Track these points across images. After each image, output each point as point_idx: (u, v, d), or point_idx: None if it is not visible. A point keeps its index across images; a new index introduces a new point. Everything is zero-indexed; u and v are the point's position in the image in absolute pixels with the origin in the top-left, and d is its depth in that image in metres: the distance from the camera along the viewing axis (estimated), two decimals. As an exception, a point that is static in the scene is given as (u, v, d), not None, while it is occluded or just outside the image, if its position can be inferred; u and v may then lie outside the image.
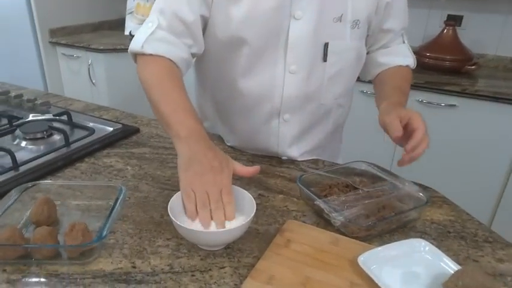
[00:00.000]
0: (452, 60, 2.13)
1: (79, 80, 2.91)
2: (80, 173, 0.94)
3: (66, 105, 1.38)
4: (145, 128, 1.20)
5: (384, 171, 0.93)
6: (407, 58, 1.07)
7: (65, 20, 2.96)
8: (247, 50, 0.91)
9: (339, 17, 0.90)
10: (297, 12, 0.88)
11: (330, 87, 0.99)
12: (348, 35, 0.93)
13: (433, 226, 0.80)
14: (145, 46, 0.86)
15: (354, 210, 0.77)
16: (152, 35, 0.87)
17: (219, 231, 0.66)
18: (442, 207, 0.87)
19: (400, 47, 1.07)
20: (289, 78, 0.94)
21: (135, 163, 0.99)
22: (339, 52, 0.94)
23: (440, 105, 1.99)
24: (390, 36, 1.04)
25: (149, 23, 0.89)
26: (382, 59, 1.07)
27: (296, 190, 0.90)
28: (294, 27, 0.89)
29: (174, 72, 0.87)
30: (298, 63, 0.93)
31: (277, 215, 0.82)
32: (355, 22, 0.92)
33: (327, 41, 0.92)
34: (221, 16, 0.90)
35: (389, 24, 1.01)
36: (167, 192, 0.87)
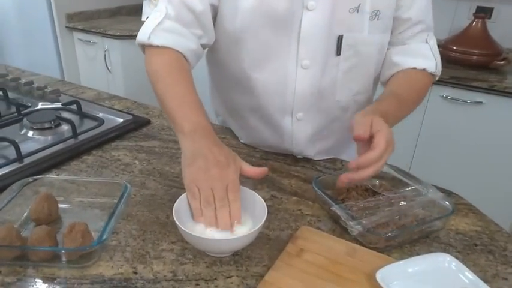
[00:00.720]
0: (480, 55, 2.03)
1: (95, 66, 2.89)
2: (85, 167, 0.90)
3: (77, 94, 1.34)
4: (156, 120, 1.16)
5: (406, 174, 0.86)
6: (427, 61, 0.92)
7: (82, 4, 2.93)
8: (256, 42, 0.86)
9: (355, 7, 0.82)
10: (310, 3, 0.81)
11: (345, 83, 0.92)
12: (366, 27, 0.85)
13: (458, 237, 0.74)
14: (153, 37, 0.83)
15: (373, 219, 0.71)
16: (160, 25, 0.83)
17: (227, 239, 0.62)
18: (468, 215, 0.81)
19: (420, 46, 0.92)
20: (302, 73, 0.88)
21: (144, 157, 0.95)
22: (354, 45, 0.87)
23: (466, 102, 1.91)
24: (406, 27, 0.90)
25: (157, 12, 0.85)
26: (396, 58, 0.93)
27: (311, 192, 0.84)
28: (307, 18, 0.82)
29: (181, 64, 0.83)
30: (311, 58, 0.86)
31: (290, 219, 0.77)
32: (375, 13, 0.84)
33: (341, 33, 0.85)
34: (229, 6, 0.85)
35: (406, 13, 0.89)
36: (175, 190, 0.83)
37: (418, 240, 0.73)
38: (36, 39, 2.95)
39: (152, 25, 0.83)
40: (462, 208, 0.83)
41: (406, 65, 0.91)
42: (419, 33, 0.92)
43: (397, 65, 0.92)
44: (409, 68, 0.92)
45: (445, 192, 0.87)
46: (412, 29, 0.91)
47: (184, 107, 0.75)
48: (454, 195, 0.87)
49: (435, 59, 0.92)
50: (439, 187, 0.85)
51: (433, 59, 0.92)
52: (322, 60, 0.87)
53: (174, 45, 0.83)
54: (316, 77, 0.89)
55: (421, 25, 0.91)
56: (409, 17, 0.89)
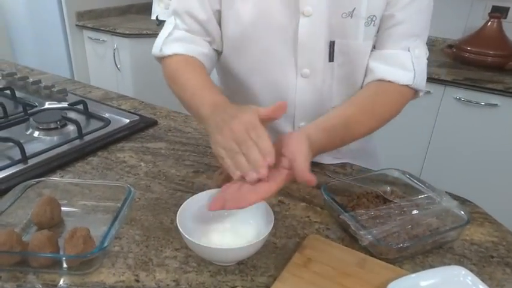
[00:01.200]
0: (495, 56, 1.98)
1: (104, 65, 2.89)
2: (90, 168, 0.89)
3: (84, 93, 1.33)
4: (163, 121, 1.14)
5: (418, 181, 0.83)
6: (403, 72, 0.80)
7: (92, 2, 2.93)
8: (256, 51, 0.84)
9: (349, 11, 0.77)
10: (306, 8, 0.77)
11: (341, 89, 0.87)
12: (361, 34, 0.79)
13: (473, 248, 0.71)
14: (164, 48, 0.84)
15: (384, 228, 0.69)
16: (170, 36, 0.85)
17: (232, 248, 0.59)
18: (484, 225, 0.78)
19: (399, 54, 0.81)
20: (302, 82, 0.85)
21: (150, 159, 0.94)
22: (347, 52, 0.82)
23: (480, 104, 1.86)
24: (388, 26, 0.80)
25: (167, 24, 0.87)
26: (372, 64, 0.83)
27: (320, 198, 0.82)
28: (304, 25, 0.79)
29: (191, 62, 0.83)
30: (310, 66, 0.83)
31: (298, 226, 0.74)
32: (371, 18, 0.78)
33: (333, 39, 0.80)
34: (229, 12, 0.83)
35: (390, 10, 0.78)
36: (180, 194, 0.81)
37: (431, 251, 0.70)
38: (47, 37, 2.96)
39: (163, 37, 0.85)
40: (477, 217, 0.80)
41: (379, 74, 0.81)
42: (402, 38, 0.81)
43: (371, 71, 0.83)
44: (380, 79, 0.81)
45: (459, 200, 0.83)
46: (393, 29, 0.80)
47: (198, 94, 0.74)
48: (468, 203, 0.84)
49: (414, 71, 0.80)
50: (452, 194, 0.82)
51: (411, 70, 0.80)
52: (321, 67, 0.84)
53: (185, 51, 0.83)
54: (317, 85, 0.86)
55: (405, 27, 0.80)
56: (393, 14, 0.79)
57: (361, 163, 1.00)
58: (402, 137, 1.99)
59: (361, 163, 1.00)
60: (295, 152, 0.61)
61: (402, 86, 0.81)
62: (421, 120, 1.99)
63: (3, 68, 1.57)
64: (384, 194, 0.81)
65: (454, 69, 1.99)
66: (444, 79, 1.89)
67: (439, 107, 1.95)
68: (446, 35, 2.30)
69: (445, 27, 2.26)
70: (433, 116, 1.98)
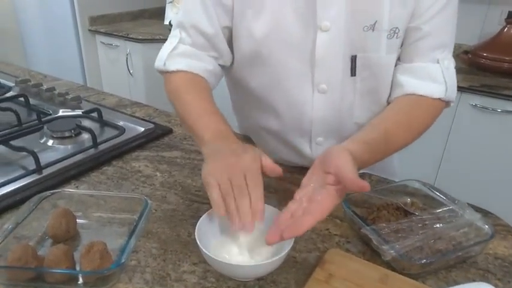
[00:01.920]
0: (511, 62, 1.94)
1: (117, 70, 2.90)
2: (105, 178, 0.88)
3: (98, 100, 1.33)
4: (178, 129, 1.13)
5: (439, 192, 0.81)
6: (435, 85, 0.79)
7: (105, 7, 2.95)
8: (271, 66, 0.82)
9: (371, 25, 0.75)
10: (323, 23, 0.75)
11: (363, 104, 0.85)
12: (384, 47, 0.77)
13: (497, 263, 0.69)
14: (168, 63, 0.83)
15: (407, 242, 0.67)
16: (174, 50, 0.84)
17: (252, 265, 0.58)
18: (507, 238, 0.75)
19: (429, 67, 0.79)
20: (319, 98, 0.83)
21: (165, 169, 0.93)
22: (370, 66, 0.79)
23: (496, 111, 1.83)
24: (415, 39, 0.78)
25: (172, 37, 0.86)
26: (400, 77, 0.81)
27: (339, 210, 0.79)
28: (321, 40, 0.76)
29: (195, 82, 0.82)
30: (327, 82, 0.81)
31: (318, 239, 0.72)
32: (393, 31, 0.76)
33: (354, 53, 0.78)
34: (242, 29, 0.81)
35: (416, 21, 0.76)
36: (196, 205, 0.80)
37: (455, 266, 0.68)
38: (60, 42, 2.98)
39: (167, 51, 0.84)
40: (500, 230, 0.77)
41: (409, 88, 0.80)
42: (430, 50, 0.79)
43: (400, 85, 0.81)
44: (411, 94, 0.80)
45: (481, 212, 0.81)
46: (422, 42, 0.78)
47: (201, 119, 0.74)
48: (490, 215, 0.81)
49: (445, 83, 0.79)
50: (474, 206, 0.79)
51: (442, 83, 0.79)
52: (339, 83, 0.81)
53: (188, 68, 0.82)
54: (335, 101, 0.83)
55: (432, 40, 0.78)
56: (419, 27, 0.77)
57: (378, 171, 0.98)
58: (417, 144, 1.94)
59: (378, 171, 0.98)
60: (340, 164, 0.59)
61: (435, 100, 0.80)
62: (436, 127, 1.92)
63: (17, 74, 1.58)
64: (404, 205, 0.79)
65: (470, 76, 1.95)
66: (460, 85, 1.85)
67: (454, 114, 1.92)
68: (461, 41, 2.26)
69: (461, 33, 2.21)
70: (448, 123, 1.95)
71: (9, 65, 1.74)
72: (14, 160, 0.90)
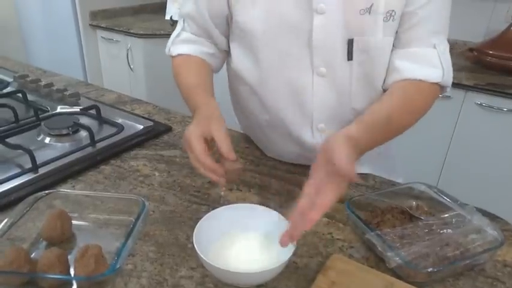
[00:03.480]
0: (518, 60, 1.91)
1: (117, 65, 2.88)
2: (103, 178, 0.86)
3: (97, 96, 1.31)
4: (178, 126, 1.11)
5: (446, 195, 0.79)
6: (432, 69, 0.79)
7: (106, 2, 2.92)
8: (269, 51, 0.81)
9: (367, 8, 0.74)
10: (319, 6, 0.75)
11: (360, 90, 0.84)
12: (380, 30, 0.76)
13: (506, 270, 0.67)
14: (172, 49, 0.92)
15: (413, 249, 0.64)
16: (177, 37, 0.92)
17: (252, 273, 0.56)
18: (516, 244, 0.73)
19: (426, 51, 0.79)
20: (319, 81, 0.82)
21: (164, 168, 0.90)
22: (367, 50, 0.79)
23: (502, 110, 1.80)
24: (411, 24, 0.78)
25: (178, 25, 0.93)
26: (397, 62, 0.81)
27: (342, 213, 0.78)
28: (318, 22, 0.76)
29: (191, 61, 0.89)
30: (326, 65, 0.80)
31: (320, 244, 0.70)
32: (389, 13, 0.75)
33: (351, 36, 0.77)
34: (241, 15, 0.81)
35: (412, 6, 0.76)
36: (195, 206, 0.78)
37: (462, 274, 0.65)
38: (60, 36, 2.96)
39: (172, 38, 0.93)
40: (509, 236, 0.75)
41: (407, 73, 0.79)
42: (426, 35, 0.79)
43: (398, 70, 0.81)
44: (409, 79, 0.79)
45: (489, 217, 0.79)
46: (417, 28, 0.78)
47: (192, 93, 0.82)
48: (499, 219, 0.79)
49: (442, 68, 0.79)
50: (481, 210, 0.77)
51: (439, 67, 0.79)
52: (337, 66, 0.81)
53: (189, 51, 0.90)
54: (335, 84, 0.83)
55: (429, 25, 0.78)
56: (415, 12, 0.76)
57: (380, 171, 0.96)
58: (420, 143, 1.93)
59: (380, 171, 0.96)
60: (334, 151, 0.59)
61: (432, 84, 0.79)
62: (441, 126, 1.93)
63: (15, 69, 1.55)
64: (410, 209, 0.77)
65: (475, 74, 1.92)
66: (465, 84, 1.83)
67: (459, 113, 1.89)
68: (466, 38, 2.23)
69: (466, 30, 2.19)
70: (453, 122, 1.92)
71: (8, 60, 1.72)
72: (9, 158, 0.88)
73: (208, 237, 0.62)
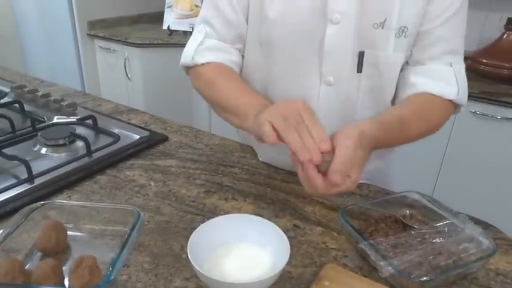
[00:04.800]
0: (511, 69, 1.93)
1: (115, 74, 2.89)
2: (98, 188, 0.86)
3: (94, 106, 1.31)
4: (174, 136, 1.12)
5: (439, 205, 0.79)
6: (447, 86, 0.80)
7: (104, 12, 2.94)
8: (280, 55, 0.83)
9: (381, 22, 0.76)
10: (334, 16, 0.76)
11: (366, 103, 0.85)
12: (391, 45, 0.78)
13: (498, 279, 0.67)
14: (196, 57, 0.85)
15: (406, 258, 0.65)
16: (201, 45, 0.86)
17: (246, 283, 0.56)
18: (508, 253, 0.74)
19: (443, 69, 0.81)
20: (326, 90, 0.83)
21: (160, 178, 0.91)
22: (376, 64, 0.80)
23: (496, 118, 1.81)
24: (427, 43, 0.80)
25: (197, 33, 0.89)
26: (413, 78, 0.82)
27: (336, 222, 0.78)
28: (331, 32, 0.78)
29: (227, 69, 0.85)
30: (335, 74, 0.82)
31: (314, 254, 0.71)
32: (402, 29, 0.77)
33: (362, 49, 0.79)
34: (255, 16, 0.83)
35: (428, 25, 0.78)
36: (190, 216, 0.78)
37: (455, 282, 0.66)
38: (58, 46, 2.97)
39: (194, 46, 0.86)
40: (501, 244, 0.75)
41: (422, 87, 0.80)
42: (443, 54, 0.81)
43: (413, 85, 0.82)
44: (425, 92, 0.80)
45: (482, 225, 0.80)
46: (434, 46, 0.80)
47: (243, 98, 0.77)
48: (491, 228, 0.80)
49: (458, 85, 0.80)
50: (474, 218, 0.78)
51: (455, 85, 0.80)
52: (346, 77, 0.82)
53: (217, 59, 0.85)
54: (341, 95, 0.84)
55: (445, 44, 0.80)
56: (431, 31, 0.79)
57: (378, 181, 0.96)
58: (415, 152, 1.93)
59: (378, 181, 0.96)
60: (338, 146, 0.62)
61: (446, 101, 0.81)
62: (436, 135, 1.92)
63: (13, 79, 1.56)
64: (403, 218, 0.77)
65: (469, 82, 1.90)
66: (460, 92, 1.84)
67: (454, 121, 1.90)
68: (461, 47, 2.25)
69: (460, 39, 2.22)
70: (447, 130, 1.93)
71: (6, 70, 1.72)
72: (5, 169, 0.88)
73: (203, 248, 0.63)
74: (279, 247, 0.63)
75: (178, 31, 2.83)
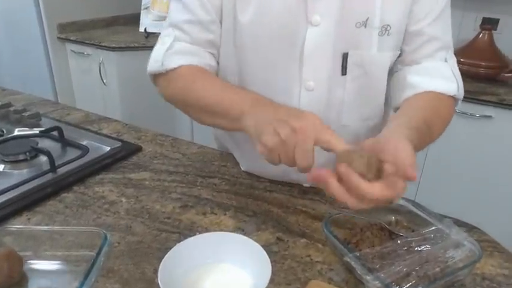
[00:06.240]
0: (487, 67, 1.95)
1: (89, 80, 2.79)
2: (63, 207, 0.80)
3: (62, 116, 1.24)
4: (148, 146, 1.06)
5: (424, 210, 0.77)
6: (448, 83, 0.78)
7: (75, 14, 2.82)
8: (257, 61, 0.79)
9: (363, 21, 0.74)
10: (314, 17, 0.73)
11: (353, 106, 0.83)
12: (375, 44, 0.76)
13: (485, 284, 0.65)
14: (166, 63, 0.78)
15: (393, 270, 0.62)
16: (170, 49, 0.79)
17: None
18: (493, 255, 0.71)
19: (439, 65, 0.80)
20: (306, 96, 0.80)
21: (132, 193, 0.85)
22: (362, 64, 0.78)
23: (475, 116, 1.82)
24: (421, 43, 0.79)
25: (165, 37, 0.82)
26: (411, 79, 0.80)
27: (321, 232, 0.75)
28: (311, 35, 0.74)
29: (205, 71, 0.79)
30: (315, 79, 0.78)
31: (298, 269, 0.66)
32: (385, 28, 0.75)
33: (346, 50, 0.76)
34: (229, 21, 0.78)
35: (419, 25, 0.78)
36: (165, 235, 0.73)
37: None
38: (26, 51, 2.83)
39: (162, 51, 0.79)
40: (486, 246, 0.73)
41: (424, 87, 0.78)
42: (437, 51, 0.80)
43: (413, 86, 0.79)
44: (426, 91, 0.78)
45: (466, 227, 0.78)
46: (427, 45, 0.79)
47: (233, 95, 0.72)
48: (475, 230, 0.78)
49: (456, 80, 0.80)
50: (459, 221, 0.77)
51: (454, 81, 0.79)
52: (327, 81, 0.79)
53: (190, 62, 0.79)
54: (322, 100, 0.80)
55: (437, 42, 0.80)
56: (423, 31, 0.78)
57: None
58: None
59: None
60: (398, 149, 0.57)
61: (449, 97, 0.79)
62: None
63: (-27, 89, 1.47)
64: (389, 225, 0.74)
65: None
66: (438, 91, 1.84)
67: (433, 120, 1.90)
68: (438, 45, 2.26)
69: (437, 37, 2.23)
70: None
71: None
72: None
73: (177, 271, 0.58)
74: (261, 266, 0.58)
75: (156, 33, 2.73)
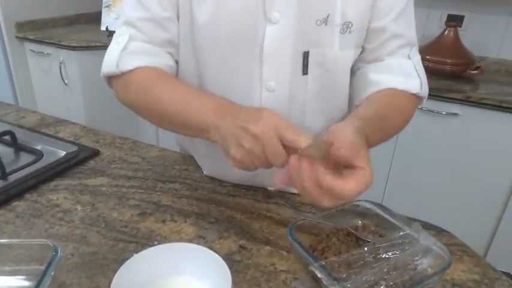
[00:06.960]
0: (453, 64, 1.97)
1: (50, 80, 2.68)
2: (14, 217, 0.75)
3: (16, 119, 1.17)
4: (106, 150, 1.01)
5: (391, 213, 0.75)
6: (410, 80, 0.77)
7: (35, 12, 2.72)
8: (216, 62, 0.76)
9: (324, 18, 0.71)
10: (272, 14, 0.70)
11: (315, 106, 0.81)
12: (337, 42, 0.74)
13: (455, 290, 0.64)
14: (122, 64, 0.73)
15: (360, 279, 0.60)
16: (125, 49, 0.74)
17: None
18: (463, 260, 0.71)
19: (402, 62, 0.79)
20: (267, 97, 0.77)
21: (88, 200, 0.81)
22: (323, 63, 0.76)
23: (441, 114, 1.84)
24: (383, 40, 0.77)
25: (119, 37, 0.76)
26: (373, 76, 0.78)
27: (286, 239, 0.72)
28: (270, 33, 0.72)
29: (164, 74, 0.75)
30: (276, 79, 0.76)
31: (262, 278, 0.64)
32: (346, 25, 0.73)
33: (307, 49, 0.74)
34: (186, 22, 0.74)
35: (381, 23, 0.76)
36: (122, 245, 0.69)
37: (411, 298, 0.62)
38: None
39: (117, 52, 0.73)
40: (455, 250, 0.73)
41: (386, 84, 0.77)
42: (400, 48, 0.79)
43: (375, 84, 0.78)
44: (389, 88, 0.77)
45: (435, 230, 0.77)
46: (390, 42, 0.78)
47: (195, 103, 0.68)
48: (444, 233, 0.77)
49: (419, 78, 0.78)
50: (428, 224, 0.77)
51: (417, 78, 0.78)
52: (288, 81, 0.76)
53: (149, 63, 0.74)
54: (284, 101, 0.78)
55: (400, 39, 0.78)
56: (386, 28, 0.76)
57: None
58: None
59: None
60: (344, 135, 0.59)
61: (411, 95, 0.78)
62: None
63: None
64: (356, 230, 0.73)
65: (414, 79, 1.96)
66: (405, 89, 1.86)
67: (401, 118, 1.91)
68: (404, 44, 2.29)
69: (403, 36, 2.25)
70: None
71: None
72: None
73: (133, 284, 0.54)
74: (222, 278, 0.55)
75: (118, 32, 2.67)
